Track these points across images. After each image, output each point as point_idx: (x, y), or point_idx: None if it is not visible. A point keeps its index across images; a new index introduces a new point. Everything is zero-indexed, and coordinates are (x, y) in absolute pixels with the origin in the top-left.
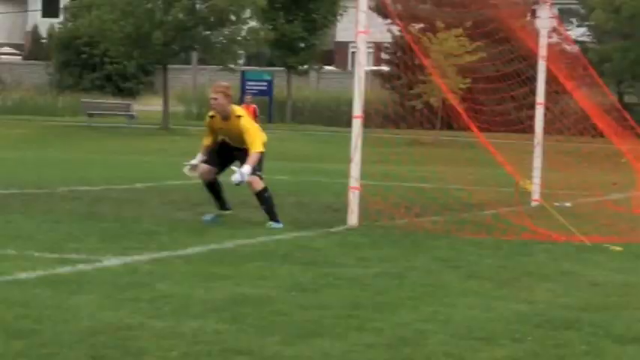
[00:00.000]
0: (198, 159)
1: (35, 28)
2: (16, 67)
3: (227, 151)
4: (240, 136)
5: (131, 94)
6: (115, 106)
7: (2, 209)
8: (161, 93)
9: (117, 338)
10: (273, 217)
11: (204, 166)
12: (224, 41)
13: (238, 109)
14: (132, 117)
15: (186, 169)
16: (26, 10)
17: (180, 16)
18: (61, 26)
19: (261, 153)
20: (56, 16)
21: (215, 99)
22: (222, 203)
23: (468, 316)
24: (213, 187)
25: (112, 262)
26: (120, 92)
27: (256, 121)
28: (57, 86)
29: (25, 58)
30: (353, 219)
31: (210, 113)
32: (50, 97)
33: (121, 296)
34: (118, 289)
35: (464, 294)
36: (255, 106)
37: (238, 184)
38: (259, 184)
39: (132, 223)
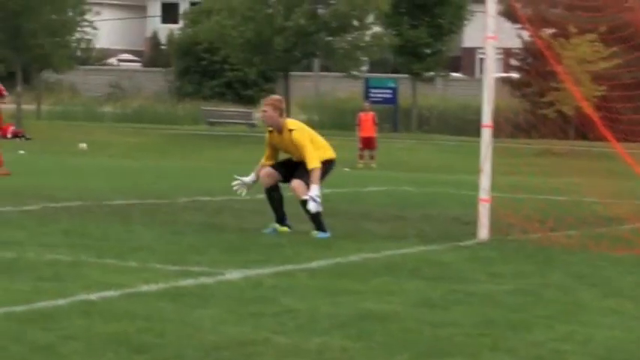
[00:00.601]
0: (250, 178)
1: (154, 35)
2: (136, 74)
3: (292, 164)
4: (297, 150)
5: (252, 101)
6: (236, 114)
7: (123, 220)
8: None
9: (241, 354)
10: (318, 226)
11: (267, 170)
12: (347, 47)
13: (291, 123)
14: (253, 125)
15: (235, 186)
16: (145, 16)
17: (302, 21)
18: (180, 32)
19: (319, 168)
20: (176, 22)
21: (265, 111)
22: (280, 216)
23: (608, 337)
24: (273, 196)
25: (234, 275)
26: (240, 100)
27: (375, 129)
28: (176, 94)
29: (145, 64)
30: (483, 232)
31: (269, 128)
32: (170, 105)
33: (245, 310)
34: (241, 303)
35: (602, 313)
36: (373, 113)
37: (316, 212)
38: (303, 192)
39: (254, 235)
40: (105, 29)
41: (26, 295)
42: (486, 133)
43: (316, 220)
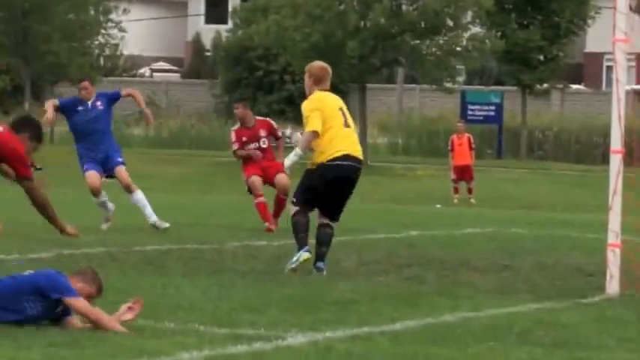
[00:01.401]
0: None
1: (197, 38)
2: (174, 87)
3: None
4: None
5: None
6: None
7: (158, 270)
8: (357, 120)
9: None
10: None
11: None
12: (438, 53)
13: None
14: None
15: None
16: (186, 15)
17: (382, 20)
18: (229, 35)
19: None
20: (224, 22)
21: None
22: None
23: None
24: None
25: (297, 339)
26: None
27: (471, 155)
28: (225, 112)
29: (185, 75)
30: (613, 286)
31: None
32: (216, 126)
33: None
34: None
35: None
36: (469, 135)
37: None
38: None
39: (322, 289)
40: (135, 31)
41: None
42: (616, 161)
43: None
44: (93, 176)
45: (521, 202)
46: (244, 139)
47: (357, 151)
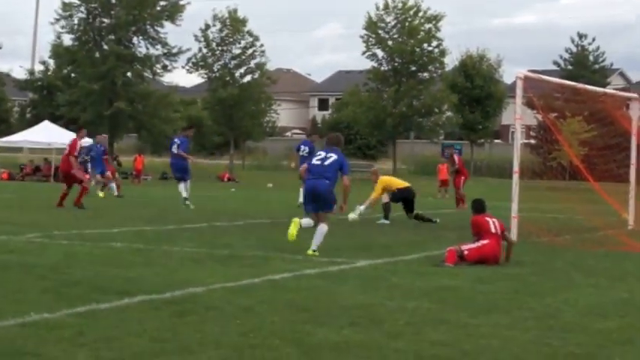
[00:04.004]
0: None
1: (314, 118)
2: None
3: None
4: None
5: (373, 158)
6: (362, 165)
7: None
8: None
9: (365, 312)
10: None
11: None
12: (430, 125)
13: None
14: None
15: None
16: (308, 107)
17: (404, 109)
18: (330, 116)
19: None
20: (327, 109)
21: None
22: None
23: (589, 301)
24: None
25: (362, 263)
26: (365, 157)
27: (448, 173)
28: None
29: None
30: (514, 236)
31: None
32: None
33: (368, 285)
34: (366, 281)
35: (586, 286)
36: (447, 164)
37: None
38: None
39: (374, 237)
40: (283, 114)
41: (235, 276)
42: (515, 176)
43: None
44: None
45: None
46: None
47: None
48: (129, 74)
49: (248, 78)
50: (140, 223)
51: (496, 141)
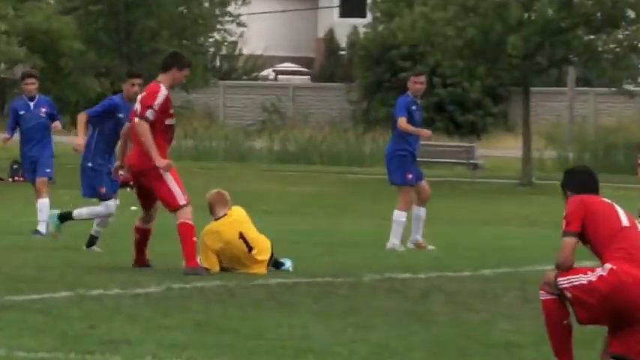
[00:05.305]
0: None
1: (330, 35)
2: (303, 93)
3: None
4: None
5: (474, 131)
6: (450, 151)
7: (285, 306)
8: (519, 130)
9: None
10: None
11: None
12: (617, 49)
13: None
14: (475, 166)
15: None
16: (317, 7)
17: (550, 12)
18: (368, 30)
19: None
20: (361, 15)
21: None
22: None
23: None
24: None
25: None
26: (457, 129)
27: None
28: (363, 121)
29: (316, 78)
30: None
31: None
32: (352, 138)
33: None
34: None
35: None
36: None
37: None
38: None
39: (477, 330)
40: (257, 27)
41: None
42: None
43: None
44: None
45: None
46: None
47: None
48: None
49: None
50: None
51: None
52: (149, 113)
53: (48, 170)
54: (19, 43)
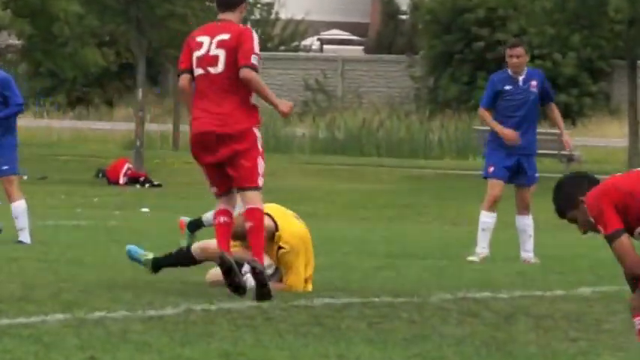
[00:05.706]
0: None
1: None
2: (354, 67)
3: None
4: None
5: (568, 114)
6: (538, 139)
7: (333, 333)
8: (624, 113)
9: None
10: None
11: None
12: None
13: None
14: (570, 159)
15: None
16: None
17: None
18: None
19: None
20: None
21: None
22: None
23: None
24: None
25: None
26: (545, 112)
27: None
28: (429, 101)
29: (370, 49)
30: None
31: None
32: (417, 123)
33: None
34: None
35: None
36: None
37: None
38: None
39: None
40: None
41: None
42: None
43: None
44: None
45: None
46: None
47: None
48: None
49: None
50: None
51: None
52: (254, 59)
53: (5, 167)
54: (3, 5)
